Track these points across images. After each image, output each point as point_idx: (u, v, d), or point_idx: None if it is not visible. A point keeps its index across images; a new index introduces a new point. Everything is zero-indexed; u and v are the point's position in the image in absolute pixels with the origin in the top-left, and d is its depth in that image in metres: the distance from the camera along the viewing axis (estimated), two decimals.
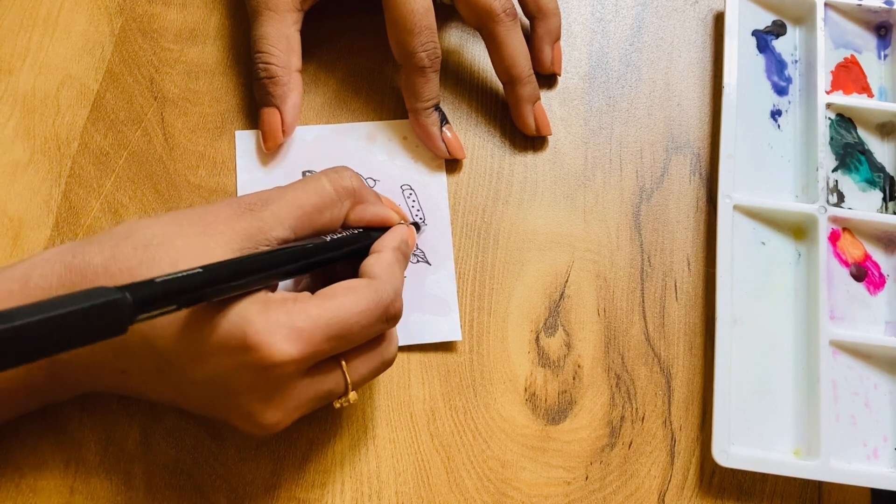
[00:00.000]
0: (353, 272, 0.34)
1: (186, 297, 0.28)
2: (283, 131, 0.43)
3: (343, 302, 0.31)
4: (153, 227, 0.32)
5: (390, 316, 0.33)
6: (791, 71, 0.47)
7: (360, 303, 0.31)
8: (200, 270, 0.28)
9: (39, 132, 0.44)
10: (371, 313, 0.32)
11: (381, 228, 0.37)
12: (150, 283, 0.26)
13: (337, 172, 0.36)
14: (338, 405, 0.33)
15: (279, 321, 0.30)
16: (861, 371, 0.40)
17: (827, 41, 0.47)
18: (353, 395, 0.33)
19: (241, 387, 0.31)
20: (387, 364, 0.35)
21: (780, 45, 0.48)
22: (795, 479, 0.39)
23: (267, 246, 0.33)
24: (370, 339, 0.33)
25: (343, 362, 0.33)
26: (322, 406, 0.34)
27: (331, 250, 0.34)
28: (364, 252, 0.35)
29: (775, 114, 0.46)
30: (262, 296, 0.31)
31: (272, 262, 0.32)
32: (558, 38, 0.46)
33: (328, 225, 0.35)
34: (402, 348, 0.40)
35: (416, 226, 0.42)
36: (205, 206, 0.34)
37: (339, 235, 0.35)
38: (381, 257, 0.34)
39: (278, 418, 0.32)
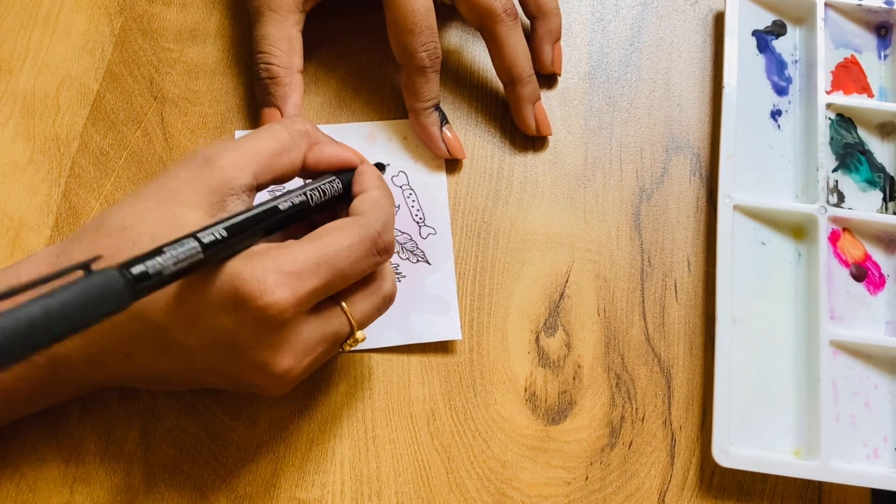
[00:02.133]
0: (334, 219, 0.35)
1: (185, 264, 0.28)
2: None
3: (328, 239, 0.32)
4: (121, 211, 0.33)
5: (381, 248, 0.33)
6: (791, 71, 0.47)
7: (345, 238, 0.32)
8: (197, 246, 0.28)
9: (39, 132, 0.44)
10: (359, 247, 0.32)
11: (347, 171, 0.37)
12: (142, 258, 0.27)
13: (288, 119, 0.37)
14: (347, 348, 0.34)
15: (266, 267, 0.30)
16: (861, 371, 0.40)
17: (827, 41, 0.47)
18: (360, 335, 0.34)
19: (247, 341, 0.31)
20: (387, 300, 0.35)
21: (780, 45, 0.48)
22: (795, 480, 0.39)
23: (233, 195, 0.33)
24: (365, 274, 0.33)
25: (342, 302, 0.33)
26: (332, 353, 0.34)
27: (309, 198, 0.35)
28: (340, 199, 0.36)
29: (775, 114, 0.46)
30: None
31: (254, 220, 0.32)
32: (559, 38, 0.46)
33: (288, 168, 0.36)
34: (402, 348, 0.40)
35: (381, 166, 0.42)
36: (163, 173, 0.34)
37: (309, 182, 0.36)
38: (366, 196, 0.35)
39: (290, 363, 0.32)
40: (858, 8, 0.48)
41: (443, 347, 0.40)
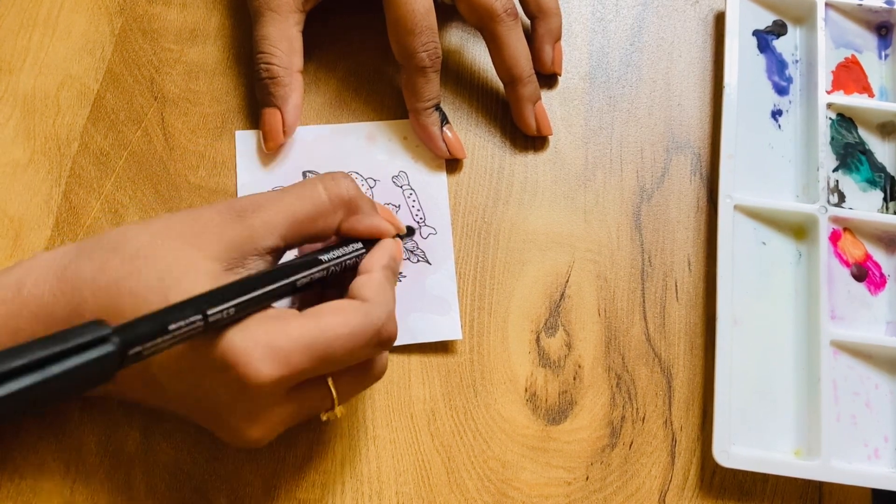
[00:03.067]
0: (343, 289, 0.33)
1: (179, 338, 0.27)
2: (284, 132, 0.43)
3: (328, 322, 0.30)
4: (141, 237, 0.32)
5: (383, 339, 0.32)
6: (792, 71, 0.47)
7: (347, 325, 0.30)
8: (200, 325, 0.28)
9: (39, 132, 0.44)
10: (359, 337, 0.30)
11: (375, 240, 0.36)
12: (143, 336, 0.26)
13: (334, 180, 0.35)
14: (325, 418, 0.33)
15: (257, 340, 0.29)
16: (862, 371, 0.40)
17: (827, 41, 0.47)
18: (339, 410, 0.32)
19: (223, 403, 0.30)
20: (376, 379, 0.34)
21: (780, 44, 0.48)
22: (796, 480, 0.39)
23: (255, 255, 0.32)
24: (359, 361, 0.32)
25: (330, 380, 0.32)
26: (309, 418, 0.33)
27: (329, 274, 0.34)
28: (356, 266, 0.34)
29: (776, 114, 0.46)
30: None
31: (266, 296, 0.30)
32: (559, 38, 0.46)
33: (320, 234, 0.34)
34: (402, 348, 0.40)
35: (412, 229, 0.42)
36: (197, 210, 0.33)
37: (335, 254, 0.34)
38: (371, 278, 0.33)
39: (261, 434, 0.31)
40: (859, 8, 0.48)
41: (443, 347, 0.40)
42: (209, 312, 0.28)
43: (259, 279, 0.30)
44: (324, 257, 0.33)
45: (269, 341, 0.29)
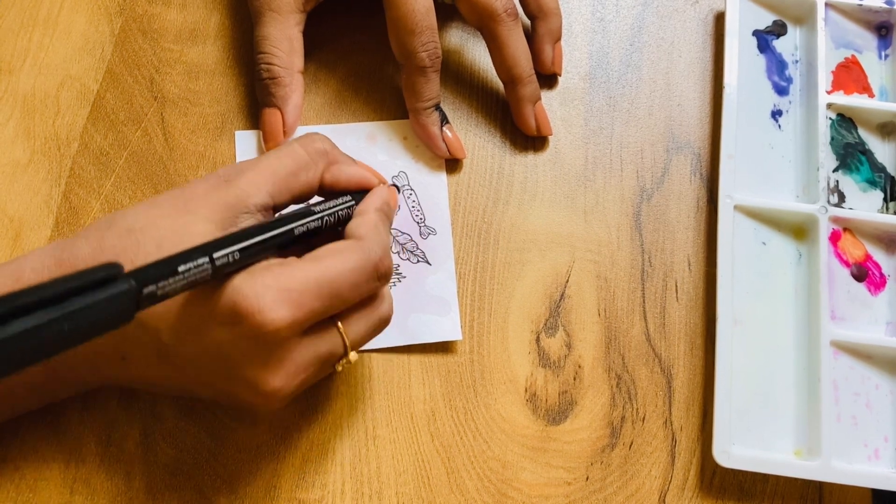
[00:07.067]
0: (339, 238, 0.34)
1: (188, 280, 0.28)
2: (284, 132, 0.43)
3: (331, 262, 0.31)
4: (134, 214, 0.33)
5: (381, 273, 0.33)
6: (792, 71, 0.47)
7: (348, 262, 0.32)
8: (209, 268, 0.29)
9: (39, 132, 0.44)
10: (360, 271, 0.32)
11: (364, 192, 0.37)
12: (155, 276, 0.27)
13: (307, 137, 0.37)
14: (339, 368, 0.34)
15: (267, 284, 0.30)
16: (862, 371, 0.40)
17: (827, 41, 0.47)
18: (353, 355, 0.33)
19: (240, 356, 0.31)
20: (384, 322, 0.35)
21: (780, 45, 0.48)
22: (796, 480, 0.39)
23: (247, 213, 0.33)
24: (363, 298, 0.33)
25: (339, 323, 0.33)
26: (325, 373, 0.34)
27: (324, 223, 0.35)
28: (349, 218, 0.36)
29: (776, 114, 0.46)
30: None
31: (268, 242, 0.32)
32: (559, 38, 0.46)
33: (305, 188, 0.36)
34: (402, 348, 0.40)
35: (396, 187, 0.42)
36: (181, 186, 0.34)
37: (327, 205, 0.36)
38: (365, 219, 0.35)
39: (281, 383, 0.31)
40: (859, 8, 0.48)
41: (443, 347, 0.40)
42: (215, 255, 0.29)
43: (259, 228, 0.32)
44: (316, 207, 0.35)
45: (279, 285, 0.30)
